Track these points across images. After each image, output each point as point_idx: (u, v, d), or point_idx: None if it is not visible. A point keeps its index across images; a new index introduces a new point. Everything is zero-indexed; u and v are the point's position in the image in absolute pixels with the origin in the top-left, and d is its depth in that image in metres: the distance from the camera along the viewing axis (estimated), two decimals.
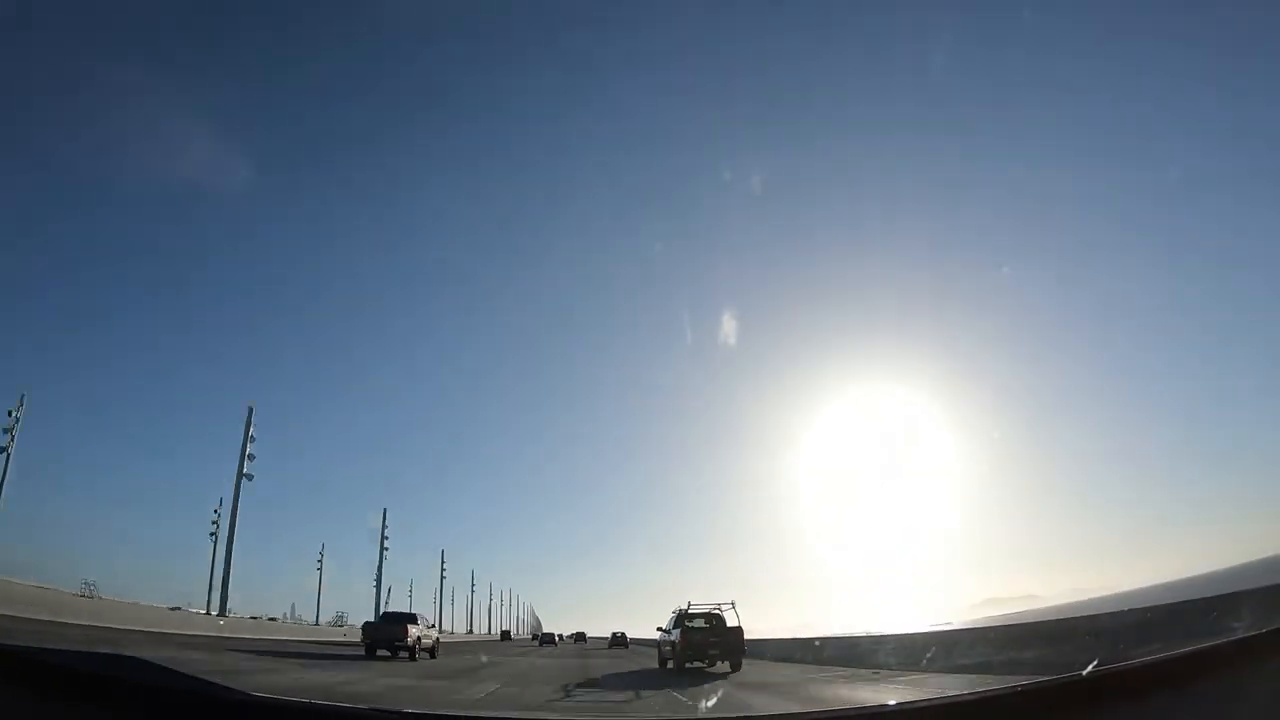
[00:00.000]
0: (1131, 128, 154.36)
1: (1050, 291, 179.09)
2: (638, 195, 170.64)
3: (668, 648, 18.17)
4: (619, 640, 54.67)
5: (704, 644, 17.11)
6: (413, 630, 23.05)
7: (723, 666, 16.93)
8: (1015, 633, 11.49)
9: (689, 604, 18.37)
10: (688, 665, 16.98)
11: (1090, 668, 2.03)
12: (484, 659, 23.82)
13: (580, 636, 76.65)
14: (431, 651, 24.74)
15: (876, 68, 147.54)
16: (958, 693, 2.19)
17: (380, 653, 22.28)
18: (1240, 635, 2.03)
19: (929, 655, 12.75)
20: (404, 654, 21.94)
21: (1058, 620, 11.11)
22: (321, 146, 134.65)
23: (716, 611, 18.25)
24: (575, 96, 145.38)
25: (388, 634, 23.31)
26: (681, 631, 17.26)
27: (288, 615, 49.38)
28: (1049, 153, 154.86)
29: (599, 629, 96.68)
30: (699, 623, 17.86)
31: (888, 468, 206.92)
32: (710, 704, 9.61)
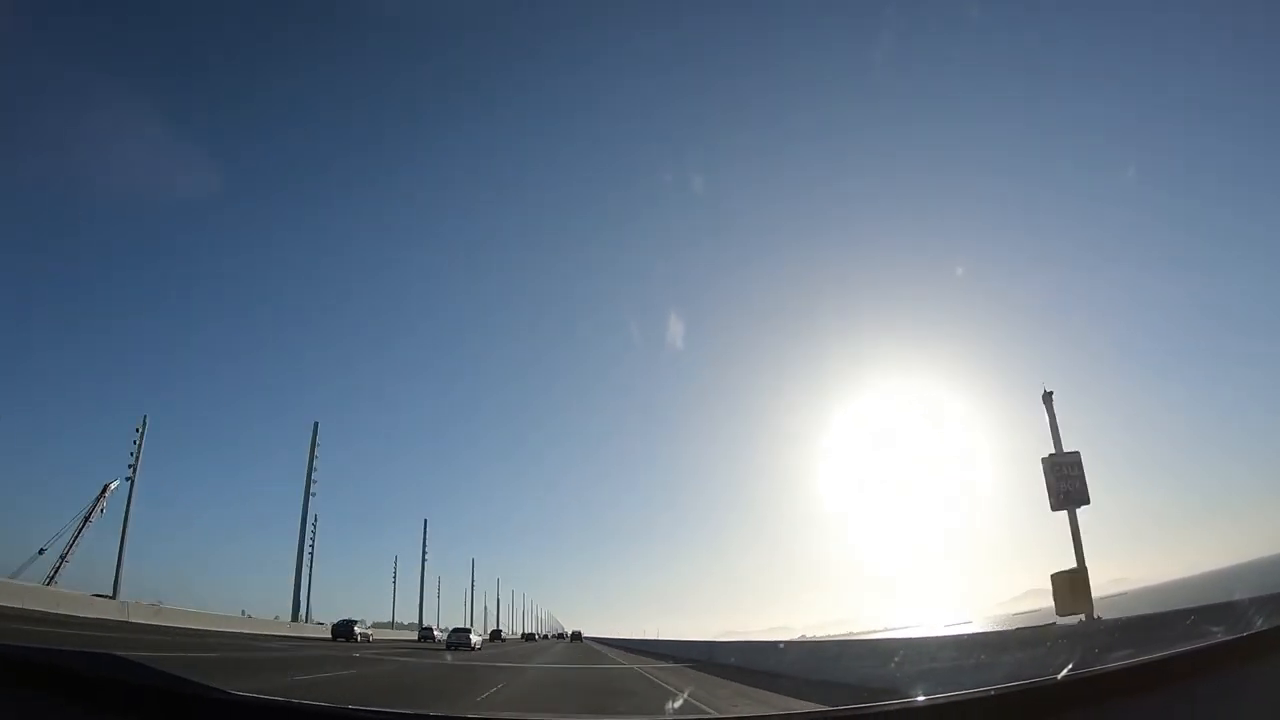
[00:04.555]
0: (1114, 121, 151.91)
1: (1088, 282, 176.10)
2: (629, 202, 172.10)
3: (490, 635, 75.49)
4: (575, 636, 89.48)
5: (495, 634, 79.00)
6: None
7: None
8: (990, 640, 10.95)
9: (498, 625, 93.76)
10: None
11: (1065, 672, 1.99)
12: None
13: (545, 635, 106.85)
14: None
15: (830, 69, 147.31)
16: (935, 695, 2.15)
17: None
18: (1214, 641, 1.98)
19: (896, 659, 12.09)
20: None
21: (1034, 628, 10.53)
22: (313, 160, 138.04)
23: (499, 628, 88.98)
24: (573, 104, 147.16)
25: None
26: (494, 632, 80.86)
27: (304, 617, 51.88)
28: (1039, 146, 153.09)
29: (624, 630, 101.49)
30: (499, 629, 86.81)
31: (926, 463, 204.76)
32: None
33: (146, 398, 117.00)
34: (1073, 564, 14.44)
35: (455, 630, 46.16)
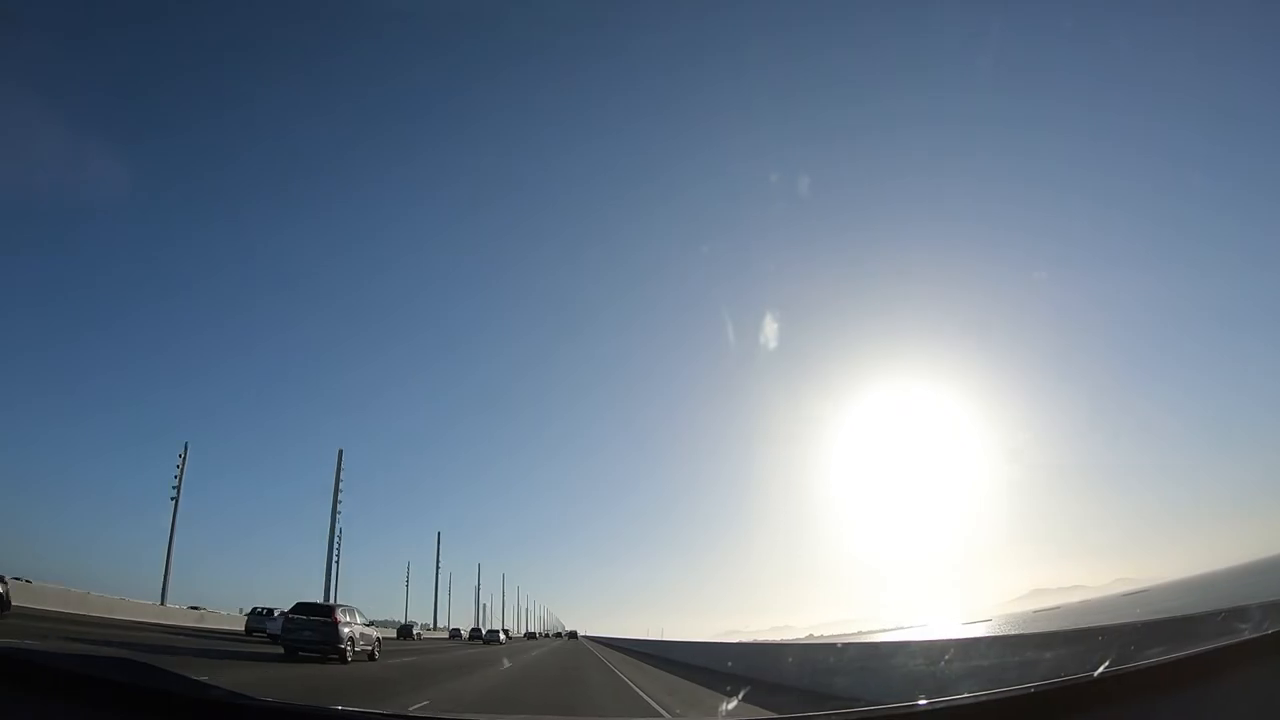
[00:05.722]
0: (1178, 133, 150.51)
1: (1092, 288, 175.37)
2: (675, 198, 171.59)
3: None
4: (571, 635, 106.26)
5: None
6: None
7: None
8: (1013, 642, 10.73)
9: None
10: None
11: (1102, 669, 2.02)
12: None
13: (546, 634, 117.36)
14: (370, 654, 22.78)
15: (919, 67, 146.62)
16: (970, 694, 2.19)
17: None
18: (1245, 638, 2.01)
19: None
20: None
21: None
22: (345, 150, 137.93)
23: (505, 628, 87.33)
24: (611, 97, 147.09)
25: None
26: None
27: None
28: (1086, 154, 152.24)
29: (628, 630, 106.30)
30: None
31: (930, 464, 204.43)
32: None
33: (151, 397, 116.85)
34: (1070, 565, 13.95)
35: (490, 630, 71.18)
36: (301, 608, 21.85)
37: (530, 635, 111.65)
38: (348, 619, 21.52)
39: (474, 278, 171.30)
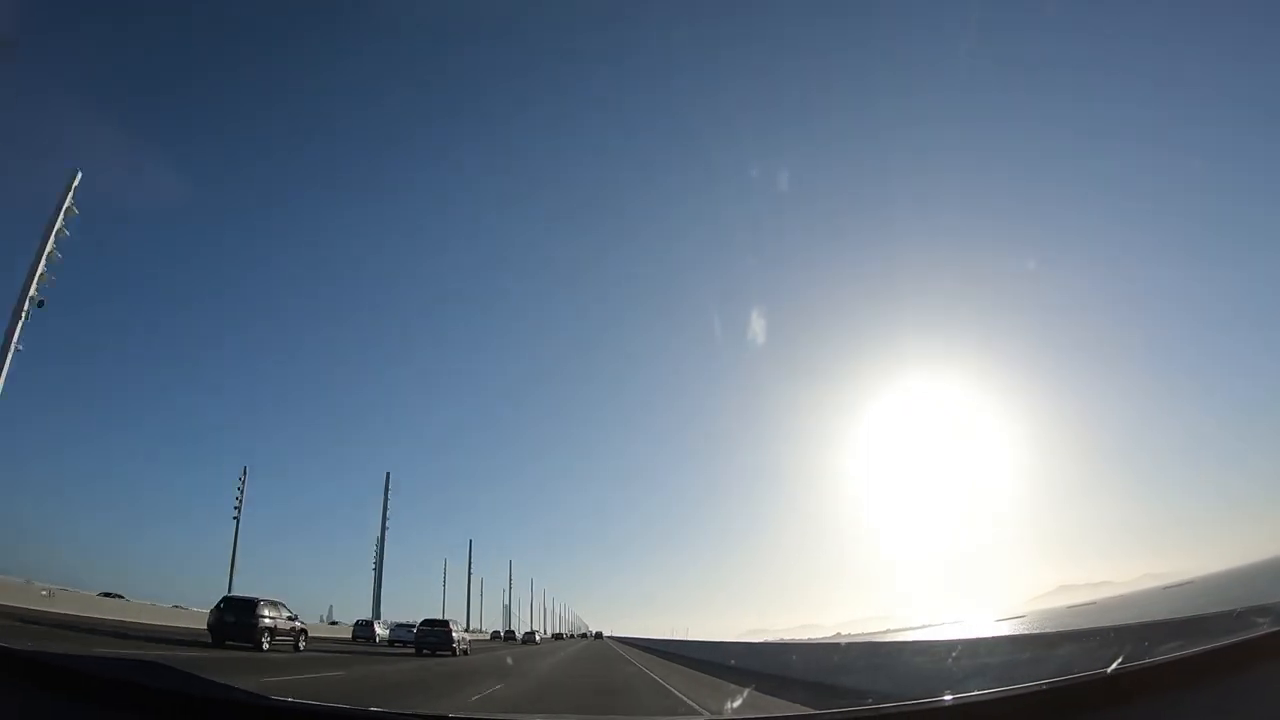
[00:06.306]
0: (1156, 127, 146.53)
1: (1110, 280, 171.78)
2: (670, 197, 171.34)
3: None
4: (597, 635, 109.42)
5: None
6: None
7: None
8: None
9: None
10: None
11: (1114, 665, 2.00)
12: None
13: (571, 635, 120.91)
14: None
15: (901, 61, 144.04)
16: (981, 692, 2.18)
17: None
18: (1262, 633, 1.97)
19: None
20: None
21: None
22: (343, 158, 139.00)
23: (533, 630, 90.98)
24: (594, 99, 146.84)
25: None
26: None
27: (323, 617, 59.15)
28: (1081, 146, 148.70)
29: (653, 629, 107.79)
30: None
31: (951, 460, 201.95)
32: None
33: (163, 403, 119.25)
34: (1093, 560, 13.71)
35: (526, 632, 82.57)
36: (428, 622, 32.33)
37: (557, 636, 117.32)
38: (457, 628, 32.01)
39: (482, 287, 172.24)
